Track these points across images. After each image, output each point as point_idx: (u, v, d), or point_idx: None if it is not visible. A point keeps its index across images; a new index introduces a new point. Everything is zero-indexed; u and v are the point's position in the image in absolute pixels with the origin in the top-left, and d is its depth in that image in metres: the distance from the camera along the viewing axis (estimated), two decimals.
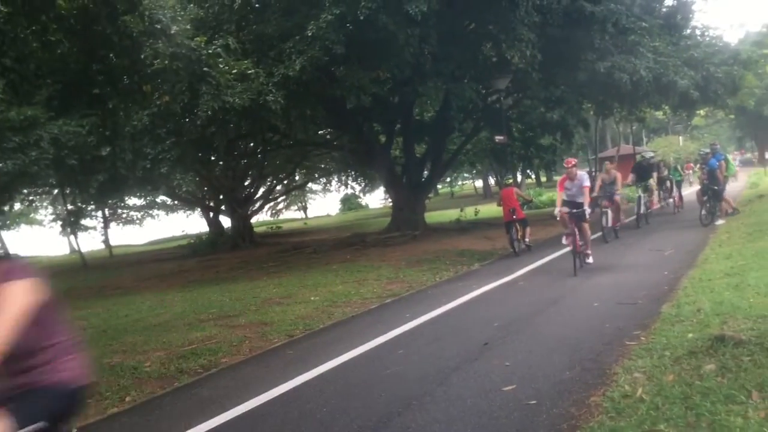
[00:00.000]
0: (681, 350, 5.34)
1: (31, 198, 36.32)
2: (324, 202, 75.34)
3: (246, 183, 33.24)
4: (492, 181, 56.52)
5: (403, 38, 15.37)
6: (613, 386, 4.88)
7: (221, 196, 32.42)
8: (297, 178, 41.54)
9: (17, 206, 39.28)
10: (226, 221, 34.09)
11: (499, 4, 15.89)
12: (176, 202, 39.49)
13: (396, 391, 5.48)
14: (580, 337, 6.58)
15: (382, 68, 17.37)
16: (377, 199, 71.63)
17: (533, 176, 55.20)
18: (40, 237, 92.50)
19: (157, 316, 11.18)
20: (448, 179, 64.45)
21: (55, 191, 32.92)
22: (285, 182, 39.74)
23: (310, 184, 50.48)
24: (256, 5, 17.30)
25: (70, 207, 31.78)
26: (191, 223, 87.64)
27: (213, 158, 25.37)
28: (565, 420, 4.41)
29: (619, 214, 15.97)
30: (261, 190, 36.09)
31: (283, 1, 16.71)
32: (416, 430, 4.57)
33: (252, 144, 28.08)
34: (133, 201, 40.72)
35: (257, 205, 36.17)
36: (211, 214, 35.38)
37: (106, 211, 39.16)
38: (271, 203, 48.61)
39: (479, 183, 70.19)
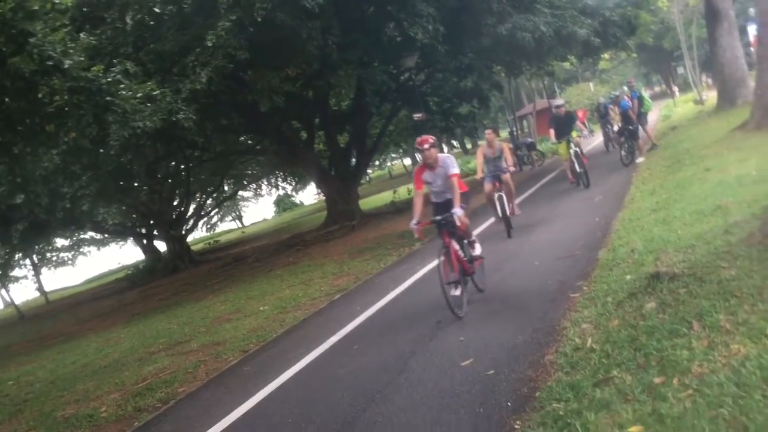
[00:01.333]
0: (622, 294, 5.52)
1: None
2: (258, 208, 74.64)
3: (175, 203, 32.46)
4: (419, 157, 56.88)
5: (305, 33, 15.26)
6: (564, 341, 5.02)
7: (151, 221, 31.61)
8: (226, 188, 40.85)
9: None
10: (161, 245, 33.29)
11: None
12: (106, 235, 38.31)
13: (358, 388, 5.49)
14: (527, 298, 6.73)
15: (289, 66, 17.19)
16: (311, 195, 71.19)
17: (458, 146, 55.88)
18: None
19: (105, 357, 10.86)
20: (377, 162, 64.50)
21: None
22: (214, 195, 39.05)
23: (240, 193, 49.72)
24: (151, 23, 16.80)
25: None
26: (126, 254, 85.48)
27: (135, 185, 24.69)
28: (525, 383, 4.51)
29: (513, 197, 11.83)
30: (191, 208, 35.30)
31: (177, 15, 16.30)
32: (384, 423, 4.60)
33: (173, 163, 27.46)
34: (60, 242, 39.31)
35: (190, 223, 35.37)
36: (145, 241, 34.46)
37: (35, 258, 37.67)
38: (205, 218, 47.70)
39: (408, 161, 70.56)
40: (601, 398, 3.76)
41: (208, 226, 55.60)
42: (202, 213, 39.95)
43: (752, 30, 25.37)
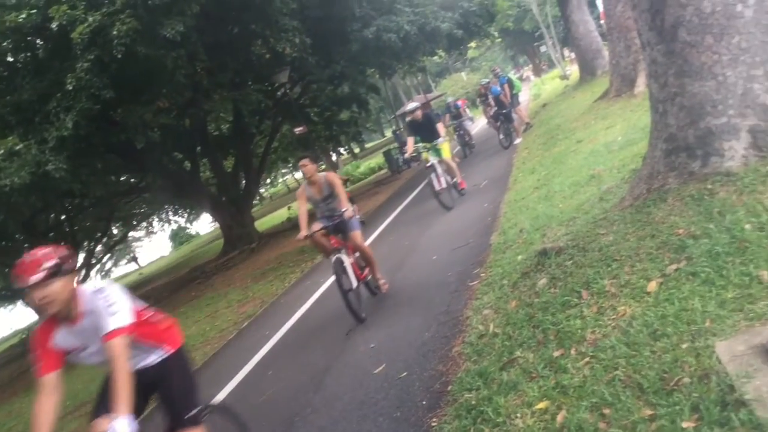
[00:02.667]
0: (516, 275, 5.71)
1: None
2: (153, 245, 72.33)
3: None
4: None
5: (170, 62, 14.89)
6: (469, 330, 5.14)
7: None
8: (115, 232, 39.27)
9: None
10: None
11: (253, 2, 15.83)
12: None
13: (276, 415, 5.43)
14: (429, 294, 6.84)
15: (160, 98, 16.73)
16: (207, 224, 69.65)
17: (346, 152, 56.15)
18: None
19: None
20: (269, 180, 63.87)
21: None
22: (103, 241, 37.45)
23: (131, 233, 47.98)
24: (4, 74, 15.92)
25: None
26: (18, 317, 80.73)
27: (14, 244, 23.31)
28: (437, 379, 4.60)
29: (374, 266, 7.53)
30: (81, 257, 33.70)
31: (32, 62, 15.54)
32: None
33: (53, 215, 26.14)
34: None
35: (82, 273, 33.76)
36: None
37: None
38: (97, 266, 45.64)
39: (299, 175, 70.30)
40: (508, 380, 3.88)
41: (102, 273, 53.34)
42: (93, 261, 38.21)
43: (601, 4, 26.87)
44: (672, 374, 3.01)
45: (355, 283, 7.03)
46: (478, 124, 31.54)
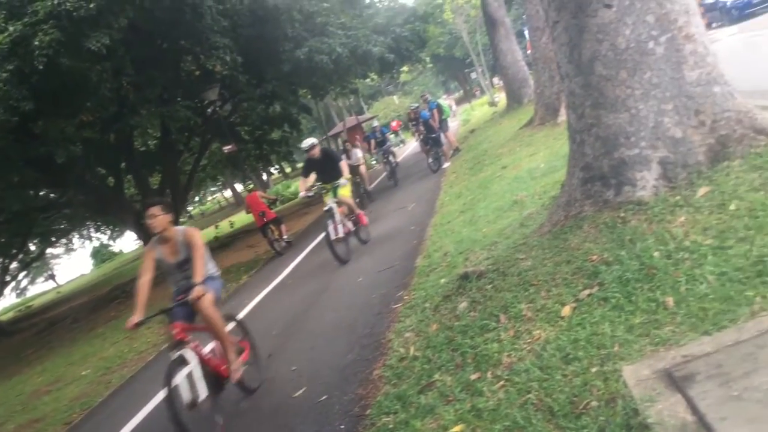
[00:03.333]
0: (438, 298, 5.77)
1: None
2: (73, 263, 69.72)
3: None
4: (240, 187, 56.18)
5: (95, 76, 14.46)
6: (390, 353, 5.15)
7: None
8: (32, 248, 37.63)
9: None
10: None
11: (184, 18, 15.59)
12: None
13: None
14: (354, 316, 6.84)
15: (84, 112, 16.22)
16: (131, 242, 67.68)
17: (276, 172, 55.78)
18: None
19: None
20: (197, 198, 62.69)
21: None
22: (19, 257, 35.84)
23: (49, 250, 46.09)
24: None
25: None
26: None
27: None
28: (356, 403, 4.58)
29: (214, 323, 5.64)
30: None
31: None
32: None
33: None
34: None
35: None
36: None
37: None
38: (12, 284, 43.61)
39: (228, 193, 69.33)
40: (425, 404, 3.90)
41: (18, 291, 51.10)
42: (8, 278, 36.53)
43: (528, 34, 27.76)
44: (581, 398, 3.08)
45: (203, 394, 4.89)
46: (409, 146, 31.90)
